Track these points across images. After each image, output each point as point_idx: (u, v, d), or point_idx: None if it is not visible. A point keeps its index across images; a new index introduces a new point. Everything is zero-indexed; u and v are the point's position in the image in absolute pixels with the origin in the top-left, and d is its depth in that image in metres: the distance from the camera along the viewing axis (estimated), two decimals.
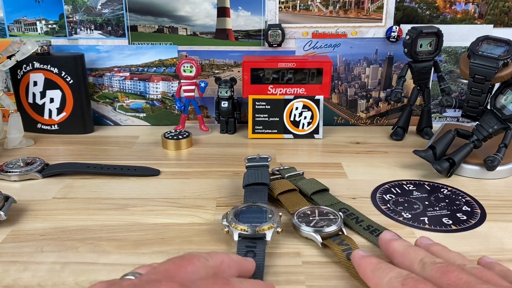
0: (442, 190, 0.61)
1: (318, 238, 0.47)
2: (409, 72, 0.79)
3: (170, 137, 0.77)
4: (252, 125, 0.81)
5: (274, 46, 0.83)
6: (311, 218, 0.50)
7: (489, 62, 0.62)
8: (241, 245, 0.45)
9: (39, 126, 0.85)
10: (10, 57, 0.74)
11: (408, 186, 0.62)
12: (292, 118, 0.80)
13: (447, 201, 0.58)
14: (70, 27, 0.84)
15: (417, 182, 0.63)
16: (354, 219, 0.52)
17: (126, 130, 0.87)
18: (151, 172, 0.66)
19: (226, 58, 0.86)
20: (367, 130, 0.87)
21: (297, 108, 0.80)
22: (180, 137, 0.77)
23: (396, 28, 0.82)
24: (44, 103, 0.83)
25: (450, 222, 0.53)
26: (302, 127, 0.81)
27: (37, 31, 0.85)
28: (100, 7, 0.83)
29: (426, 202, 0.58)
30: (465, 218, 0.54)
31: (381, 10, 0.82)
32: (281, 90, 0.81)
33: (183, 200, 0.58)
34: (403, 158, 0.72)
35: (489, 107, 0.65)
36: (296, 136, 0.81)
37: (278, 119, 0.81)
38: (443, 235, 0.50)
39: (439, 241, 0.43)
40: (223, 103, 0.82)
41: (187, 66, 0.80)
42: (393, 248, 0.42)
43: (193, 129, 0.84)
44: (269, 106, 0.80)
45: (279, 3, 0.82)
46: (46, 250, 0.47)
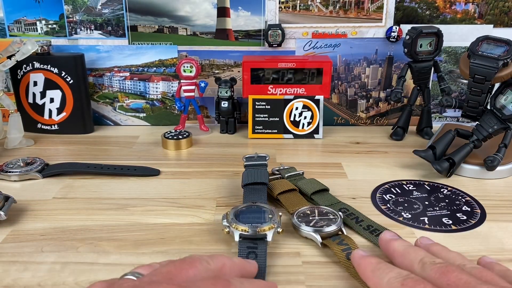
0: (442, 190, 0.61)
1: (318, 238, 0.47)
2: (409, 72, 0.79)
3: (170, 137, 0.77)
4: (252, 125, 0.81)
5: (274, 46, 0.83)
6: (311, 218, 0.50)
7: (489, 62, 0.62)
8: (242, 246, 0.45)
9: (39, 126, 0.85)
10: (10, 57, 0.74)
11: (408, 186, 0.62)
12: (292, 118, 0.80)
13: (447, 201, 0.58)
14: (70, 27, 0.84)
15: (417, 182, 0.63)
16: (354, 219, 0.52)
17: (126, 130, 0.87)
18: (151, 172, 0.67)
19: (226, 58, 0.86)
20: (367, 130, 0.87)
21: (297, 108, 0.80)
22: (180, 137, 0.77)
23: (396, 28, 0.82)
24: (44, 103, 0.83)
25: (450, 222, 0.53)
26: (302, 127, 0.81)
27: (37, 31, 0.85)
28: (100, 7, 0.83)
29: (426, 202, 0.58)
30: (465, 218, 0.54)
31: (381, 10, 0.82)
32: (281, 90, 0.81)
33: (183, 200, 0.58)
34: (403, 158, 0.72)
35: (489, 107, 0.65)
36: (296, 136, 0.81)
37: (278, 119, 0.81)
38: (443, 235, 0.50)
39: (439, 241, 0.43)
40: (223, 103, 0.82)
41: (187, 66, 0.80)
42: (393, 248, 0.42)
43: (193, 129, 0.84)
44: (269, 106, 0.80)
45: (279, 3, 0.82)
46: (46, 250, 0.47)
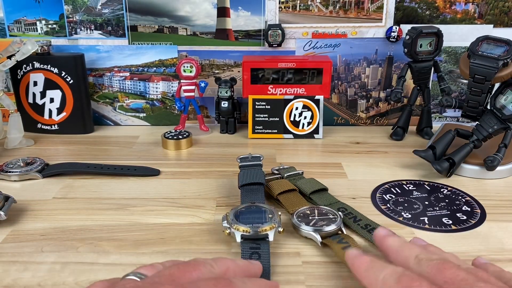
0: (442, 190, 0.61)
1: (318, 237, 0.47)
2: (409, 72, 0.79)
3: (170, 137, 0.77)
4: (252, 125, 0.81)
5: (274, 46, 0.83)
6: (311, 218, 0.50)
7: (489, 62, 0.62)
8: (245, 247, 0.45)
9: (39, 126, 0.85)
10: (10, 57, 0.74)
11: (408, 186, 0.62)
12: (292, 118, 0.80)
13: (447, 201, 0.58)
14: (70, 27, 0.84)
15: (417, 182, 0.63)
16: (352, 218, 0.52)
17: (126, 130, 0.87)
18: (151, 172, 0.66)
19: (226, 58, 0.86)
20: (367, 130, 0.87)
21: (297, 108, 0.80)
22: (180, 137, 0.77)
23: (396, 28, 0.82)
24: (44, 103, 0.83)
25: (450, 222, 0.53)
26: (302, 127, 0.81)
27: (37, 31, 0.85)
28: (100, 7, 0.83)
29: (426, 202, 0.58)
30: (465, 218, 0.54)
31: (381, 10, 0.82)
32: (281, 90, 0.81)
33: (183, 200, 0.58)
34: (403, 158, 0.72)
35: (489, 107, 0.65)
36: (296, 136, 0.81)
37: (278, 119, 0.81)
38: (443, 235, 0.50)
39: (439, 241, 0.43)
40: (223, 103, 0.82)
41: (187, 66, 0.80)
42: (387, 244, 0.41)
43: (193, 129, 0.84)
44: (269, 106, 0.80)
45: (279, 3, 0.82)
46: (46, 250, 0.47)
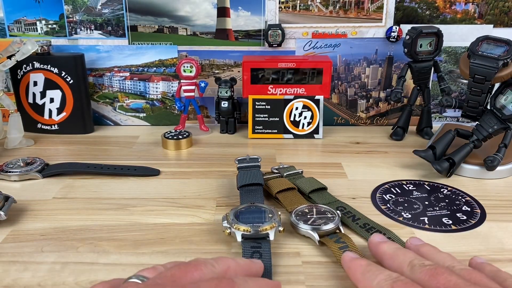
0: (442, 190, 0.61)
1: (316, 236, 0.47)
2: (409, 72, 0.79)
3: (170, 137, 0.77)
4: (252, 125, 0.81)
5: (274, 46, 0.83)
6: (309, 216, 0.50)
7: (489, 62, 0.62)
8: (246, 246, 0.45)
9: (39, 126, 0.85)
10: (10, 57, 0.74)
11: (408, 186, 0.62)
12: (292, 118, 0.80)
13: (447, 201, 0.58)
14: (70, 27, 0.84)
15: (417, 182, 0.63)
16: (350, 217, 0.52)
17: (126, 130, 0.87)
18: (151, 172, 0.67)
19: (226, 58, 0.86)
20: (367, 130, 0.87)
21: (297, 108, 0.80)
22: (180, 137, 0.77)
23: (396, 28, 0.82)
24: (44, 103, 0.83)
25: (450, 222, 0.53)
26: (302, 127, 0.81)
27: (37, 31, 0.85)
28: (100, 7, 0.83)
29: (426, 202, 0.58)
30: (465, 218, 0.54)
31: (381, 10, 0.82)
32: (281, 90, 0.81)
33: (183, 200, 0.58)
34: (403, 158, 0.72)
35: (489, 107, 0.65)
36: (296, 136, 0.81)
37: (278, 119, 0.81)
38: (443, 235, 0.50)
39: (439, 241, 0.43)
40: (223, 103, 0.82)
41: (187, 66, 0.80)
42: (382, 250, 0.41)
43: (193, 129, 0.84)
44: (269, 106, 0.80)
45: (279, 3, 0.82)
46: (46, 250, 0.47)
